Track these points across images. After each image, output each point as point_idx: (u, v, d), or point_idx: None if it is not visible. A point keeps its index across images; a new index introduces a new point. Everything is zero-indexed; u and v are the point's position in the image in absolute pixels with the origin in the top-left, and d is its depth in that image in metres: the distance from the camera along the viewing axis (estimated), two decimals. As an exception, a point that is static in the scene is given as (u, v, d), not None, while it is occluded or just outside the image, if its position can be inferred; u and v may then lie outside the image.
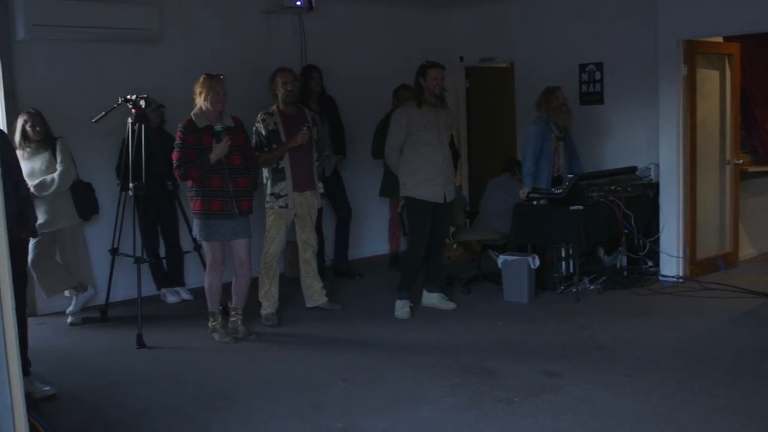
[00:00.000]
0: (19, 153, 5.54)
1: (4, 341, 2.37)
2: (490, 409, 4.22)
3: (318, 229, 6.59)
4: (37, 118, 5.86)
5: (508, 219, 6.92)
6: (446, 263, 6.78)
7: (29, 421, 2.56)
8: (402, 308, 6.20)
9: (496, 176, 7.62)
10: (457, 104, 9.24)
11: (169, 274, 7.04)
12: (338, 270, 7.71)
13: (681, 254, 7.08)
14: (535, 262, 6.49)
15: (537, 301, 6.54)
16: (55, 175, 5.89)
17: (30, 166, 5.84)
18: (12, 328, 2.39)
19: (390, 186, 7.50)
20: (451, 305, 6.39)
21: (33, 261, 5.82)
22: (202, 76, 5.50)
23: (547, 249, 6.77)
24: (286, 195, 6.03)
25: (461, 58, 9.27)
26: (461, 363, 4.99)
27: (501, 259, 6.63)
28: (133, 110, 5.95)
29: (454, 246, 7.68)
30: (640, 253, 7.16)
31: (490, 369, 4.85)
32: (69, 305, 6.28)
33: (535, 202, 6.75)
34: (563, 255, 6.80)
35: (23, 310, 4.65)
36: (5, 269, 2.39)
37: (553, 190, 6.76)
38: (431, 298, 6.43)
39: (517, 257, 6.54)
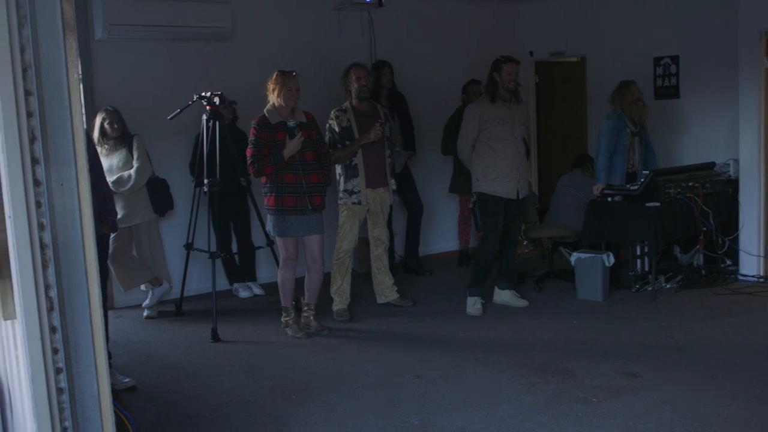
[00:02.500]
0: (97, 150, 5.66)
1: (92, 334, 2.41)
2: (569, 408, 4.15)
3: (388, 225, 6.58)
4: (114, 116, 5.98)
5: (579, 216, 6.80)
6: (517, 260, 6.68)
7: (114, 411, 2.60)
8: (474, 305, 6.15)
9: (566, 172, 7.50)
10: (527, 99, 9.11)
11: (242, 269, 7.12)
12: (408, 266, 7.68)
13: (762, 253, 6.84)
14: (609, 259, 6.36)
15: (611, 299, 6.40)
16: (132, 171, 6.00)
17: (108, 162, 5.96)
18: (99, 321, 2.43)
19: (460, 182, 7.47)
20: (524, 303, 6.31)
21: (111, 255, 5.93)
22: (275, 73, 5.53)
23: (622, 246, 6.62)
24: (359, 191, 6.04)
25: (531, 53, 9.14)
26: (537, 361, 4.92)
27: (574, 256, 6.51)
28: (207, 107, 6.02)
29: (524, 243, 7.58)
30: (719, 252, 6.95)
31: (567, 368, 4.77)
32: (145, 299, 6.41)
33: (609, 199, 6.61)
34: (638, 253, 6.64)
35: (104, 303, 4.74)
36: (94, 264, 2.42)
37: (629, 186, 6.61)
38: (503, 296, 6.36)
39: (590, 255, 6.42)
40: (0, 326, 2.74)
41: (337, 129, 6.02)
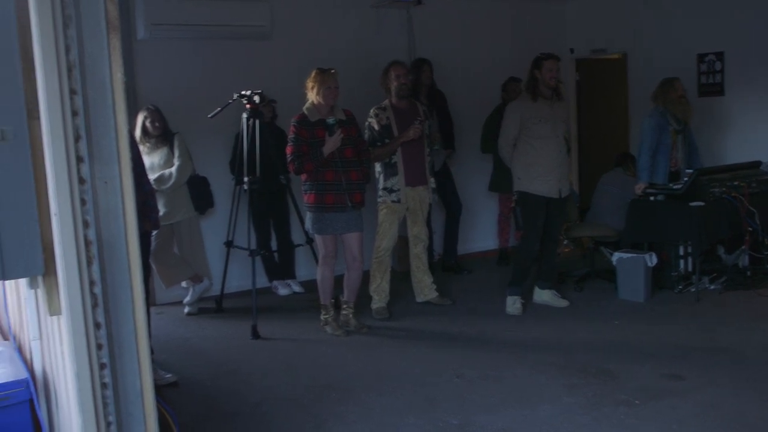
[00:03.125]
0: (139, 148, 5.72)
1: (135, 330, 2.43)
2: (611, 410, 4.09)
3: (427, 223, 6.56)
4: (156, 115, 6.03)
5: (621, 215, 6.71)
6: (557, 260, 6.61)
7: (156, 406, 2.62)
8: (513, 304, 6.10)
9: (607, 171, 7.40)
10: (567, 97, 9.01)
11: (281, 266, 7.15)
12: (446, 265, 7.65)
13: (809, 253, 6.68)
14: (652, 259, 6.26)
15: (653, 300, 6.30)
16: (173, 169, 6.06)
17: (149, 160, 6.01)
18: (142, 317, 2.44)
19: (499, 181, 7.42)
20: (564, 302, 6.25)
21: (153, 253, 6.00)
22: (314, 71, 5.54)
23: (664, 246, 6.52)
24: (399, 189, 6.02)
25: (571, 50, 9.04)
26: (578, 362, 4.86)
27: (616, 256, 6.43)
28: (247, 105, 6.05)
29: (565, 242, 7.50)
30: (765, 252, 6.78)
31: (608, 369, 4.71)
32: (186, 296, 6.47)
33: (652, 198, 6.51)
34: (681, 253, 6.53)
35: (147, 300, 4.79)
36: (137, 261, 2.44)
37: (672, 185, 6.50)
38: (543, 295, 6.30)
39: (632, 255, 6.33)
40: (45, 322, 2.78)
41: (376, 127, 6.01)
